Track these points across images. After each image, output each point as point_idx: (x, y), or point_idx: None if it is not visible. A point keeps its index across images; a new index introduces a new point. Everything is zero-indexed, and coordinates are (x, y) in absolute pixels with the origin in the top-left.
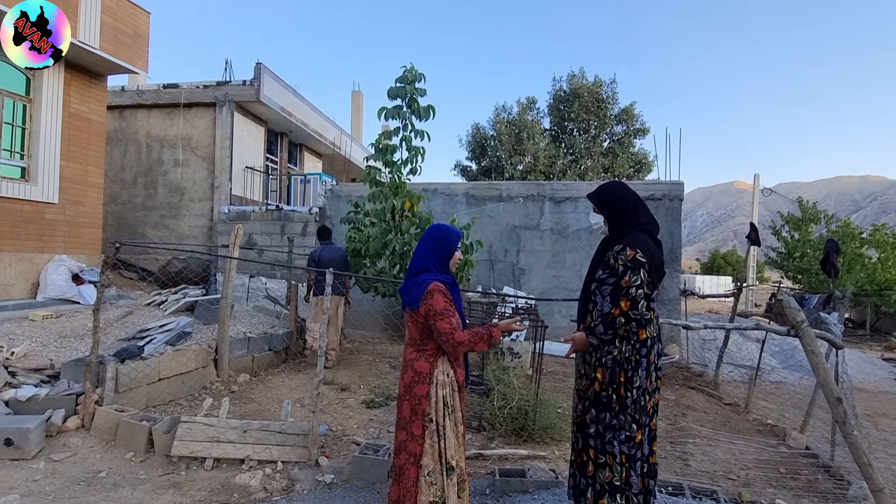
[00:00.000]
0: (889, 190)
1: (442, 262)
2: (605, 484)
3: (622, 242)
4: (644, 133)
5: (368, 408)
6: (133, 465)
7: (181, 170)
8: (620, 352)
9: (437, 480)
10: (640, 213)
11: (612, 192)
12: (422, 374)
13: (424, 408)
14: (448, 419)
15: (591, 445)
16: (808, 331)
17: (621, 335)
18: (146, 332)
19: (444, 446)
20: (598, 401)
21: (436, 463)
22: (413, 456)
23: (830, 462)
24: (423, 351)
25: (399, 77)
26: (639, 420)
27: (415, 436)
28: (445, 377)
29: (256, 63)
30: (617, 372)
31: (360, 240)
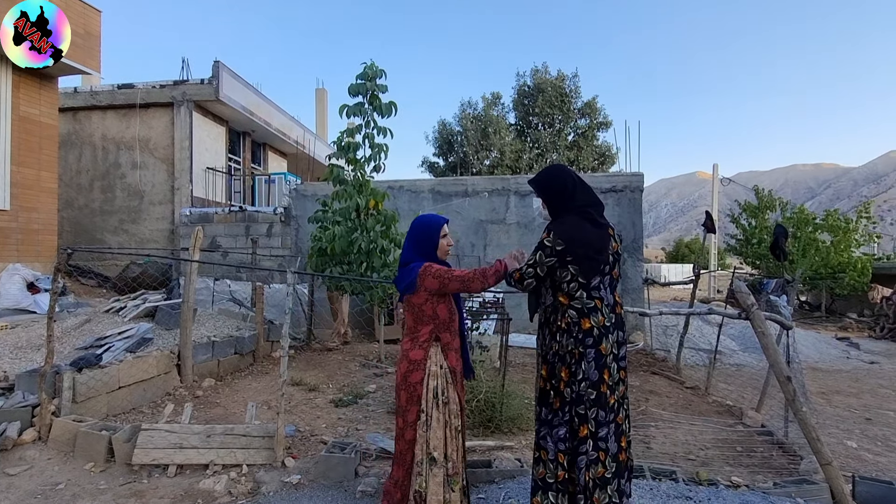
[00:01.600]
0: (842, 177)
1: (428, 252)
2: (537, 480)
3: (549, 227)
4: (607, 126)
5: (337, 407)
6: (93, 475)
7: (140, 172)
8: (562, 346)
9: (422, 471)
10: (578, 194)
11: (549, 175)
12: (415, 362)
13: (419, 394)
14: (437, 410)
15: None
16: (758, 313)
17: (563, 329)
18: (105, 340)
19: (428, 436)
20: (541, 396)
21: (422, 453)
22: (409, 443)
23: (784, 439)
24: (416, 339)
25: (360, 73)
26: (584, 414)
27: (409, 422)
28: (438, 368)
29: (214, 61)
30: (558, 367)
31: (327, 239)
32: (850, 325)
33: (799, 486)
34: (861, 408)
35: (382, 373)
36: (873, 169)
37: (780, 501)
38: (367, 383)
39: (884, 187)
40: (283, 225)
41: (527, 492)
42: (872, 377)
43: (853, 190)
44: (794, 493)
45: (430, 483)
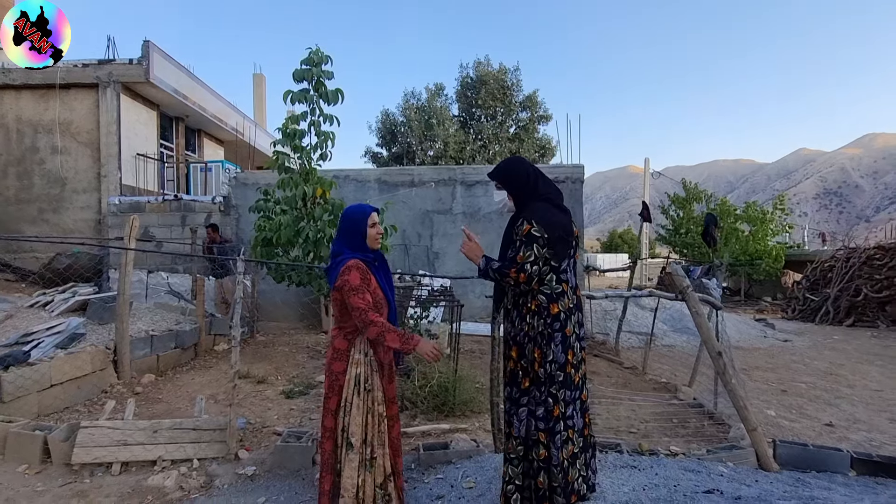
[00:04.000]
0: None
1: (357, 243)
2: (507, 453)
3: (521, 217)
4: (547, 119)
5: (288, 398)
6: (27, 477)
7: (61, 158)
8: (532, 327)
9: (339, 455)
10: (540, 183)
11: (511, 166)
12: (339, 351)
13: (341, 383)
14: (357, 397)
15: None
16: (693, 295)
17: (532, 311)
18: (31, 336)
19: (347, 422)
20: (512, 378)
21: (340, 437)
22: (327, 430)
23: (714, 410)
24: (342, 328)
25: (304, 59)
26: (556, 394)
27: (329, 410)
28: (362, 356)
29: (144, 41)
30: (529, 347)
31: (271, 228)
32: (766, 308)
33: (729, 451)
34: (777, 381)
35: None
36: (784, 165)
37: (713, 466)
38: (316, 374)
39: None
40: (222, 215)
41: (483, 470)
42: (786, 354)
43: (767, 184)
44: (725, 458)
45: (346, 467)
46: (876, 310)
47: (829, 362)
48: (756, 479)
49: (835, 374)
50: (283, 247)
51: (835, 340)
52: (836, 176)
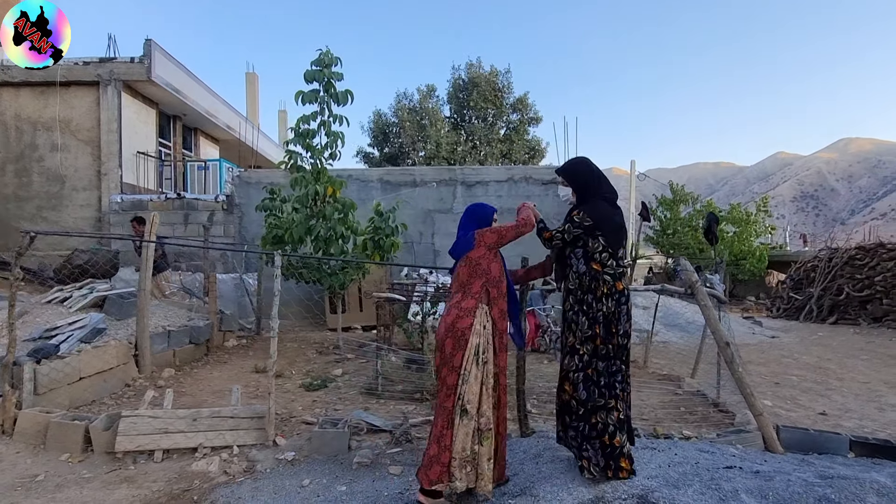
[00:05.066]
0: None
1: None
2: (615, 424)
3: (579, 209)
4: (537, 122)
5: (308, 391)
6: (72, 465)
7: (60, 155)
8: (608, 307)
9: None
10: (603, 184)
11: (575, 166)
12: (466, 310)
13: (467, 337)
14: (476, 367)
15: (604, 393)
16: (702, 289)
17: (605, 293)
18: (56, 330)
19: (463, 390)
20: (595, 352)
21: (455, 404)
22: (451, 389)
23: (717, 399)
24: (468, 291)
25: (315, 60)
26: (624, 362)
27: (454, 367)
28: (482, 328)
29: (146, 39)
30: (610, 325)
31: (281, 226)
32: (751, 307)
33: (737, 435)
34: (770, 374)
35: (342, 359)
36: (763, 168)
37: (724, 448)
38: (330, 369)
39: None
40: (225, 213)
41: (512, 452)
42: (775, 349)
43: (746, 187)
44: (734, 441)
45: (459, 432)
46: (857, 308)
47: (817, 357)
48: (765, 460)
49: (823, 368)
50: (292, 245)
51: (820, 337)
52: (813, 179)
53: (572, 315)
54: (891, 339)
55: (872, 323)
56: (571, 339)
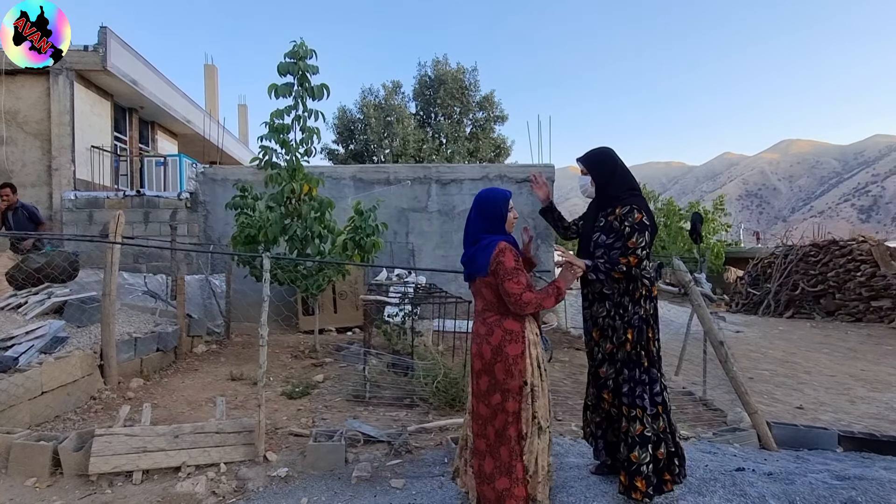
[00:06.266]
0: (687, 174)
1: (497, 227)
2: (635, 437)
3: (628, 204)
4: (503, 120)
5: (291, 399)
6: (39, 491)
7: (6, 149)
8: (646, 310)
9: (529, 444)
10: (629, 175)
11: (605, 155)
12: (513, 333)
13: (520, 367)
14: (541, 379)
15: (626, 402)
16: (695, 288)
17: (644, 295)
18: (12, 340)
19: (536, 407)
20: (629, 359)
21: (528, 426)
22: (512, 414)
23: (705, 397)
24: (507, 312)
25: (288, 52)
26: (661, 369)
27: (512, 393)
28: (535, 336)
29: (101, 27)
30: (644, 329)
31: (254, 225)
32: (712, 302)
33: (733, 433)
34: (742, 369)
35: (321, 363)
36: (711, 168)
37: (723, 447)
38: (310, 374)
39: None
40: (189, 211)
41: None
42: (742, 344)
43: (695, 186)
44: (731, 439)
45: (539, 450)
46: (812, 303)
47: (783, 351)
48: (765, 458)
49: (790, 362)
50: (266, 244)
51: (780, 331)
52: (757, 179)
53: (608, 321)
54: (846, 333)
55: (826, 317)
56: (609, 346)
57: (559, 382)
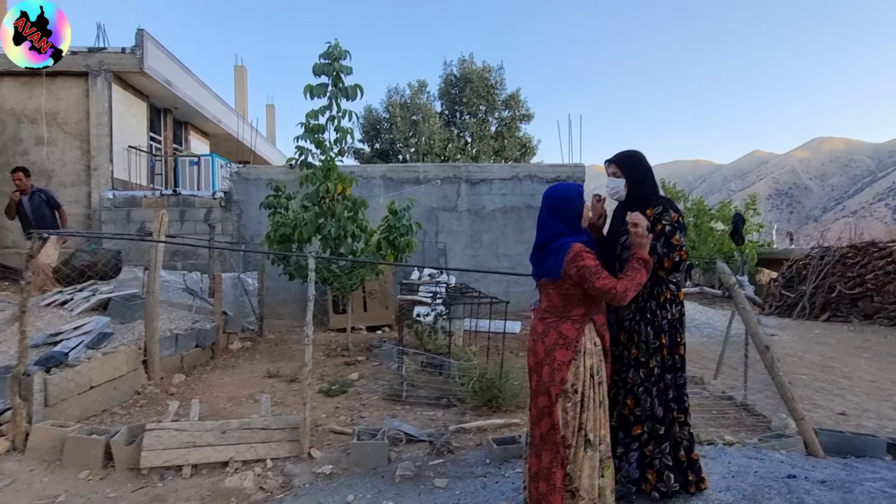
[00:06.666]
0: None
1: (573, 224)
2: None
3: (660, 205)
4: (529, 118)
5: (328, 396)
6: (93, 484)
7: (46, 149)
8: (673, 314)
9: (572, 453)
10: (654, 177)
11: (639, 157)
12: (567, 339)
13: (564, 375)
14: (593, 390)
15: (674, 408)
16: (739, 291)
17: (669, 299)
18: (60, 336)
19: (584, 418)
20: (666, 365)
21: (573, 435)
22: (556, 420)
23: (745, 402)
24: (566, 315)
25: (323, 53)
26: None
27: (554, 398)
28: (593, 345)
29: (138, 29)
30: (674, 334)
31: (288, 224)
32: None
33: (778, 439)
34: None
35: (353, 361)
36: (740, 166)
37: (770, 453)
38: (344, 372)
39: (748, 182)
40: (223, 210)
41: None
42: (777, 348)
43: (723, 185)
44: (776, 446)
45: (585, 467)
46: (849, 306)
47: (820, 355)
48: (813, 465)
49: (829, 367)
50: (300, 244)
51: (816, 335)
52: (788, 177)
53: (633, 325)
54: (885, 337)
55: (864, 320)
56: (635, 351)
57: None
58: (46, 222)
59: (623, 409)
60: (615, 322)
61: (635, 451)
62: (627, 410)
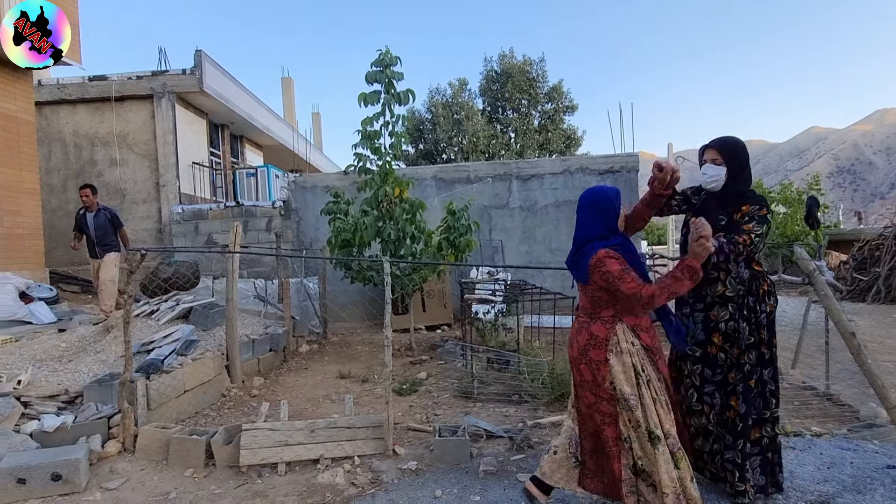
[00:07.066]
0: (769, 153)
1: (611, 224)
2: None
3: (757, 203)
4: (573, 110)
5: (400, 395)
6: (198, 481)
7: (119, 170)
8: (770, 307)
9: (636, 448)
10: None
11: (742, 144)
12: (597, 338)
13: (604, 374)
14: (645, 388)
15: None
16: (820, 278)
17: (767, 291)
18: (152, 344)
19: (640, 415)
20: (763, 359)
21: (629, 431)
22: (608, 416)
23: (829, 391)
24: (595, 315)
25: (375, 61)
26: None
27: (603, 398)
28: (630, 345)
29: (196, 51)
30: (772, 327)
31: (348, 229)
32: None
33: (869, 429)
34: None
35: (418, 360)
36: (796, 144)
37: (862, 444)
38: (412, 371)
39: (806, 161)
40: (282, 218)
41: None
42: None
43: (779, 164)
44: (868, 436)
45: (659, 461)
46: None
47: None
48: None
49: None
50: (360, 248)
51: (895, 319)
52: (849, 153)
53: (733, 324)
54: None
55: None
56: (736, 352)
57: None
58: (108, 240)
59: (728, 412)
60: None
61: (757, 457)
62: (732, 412)
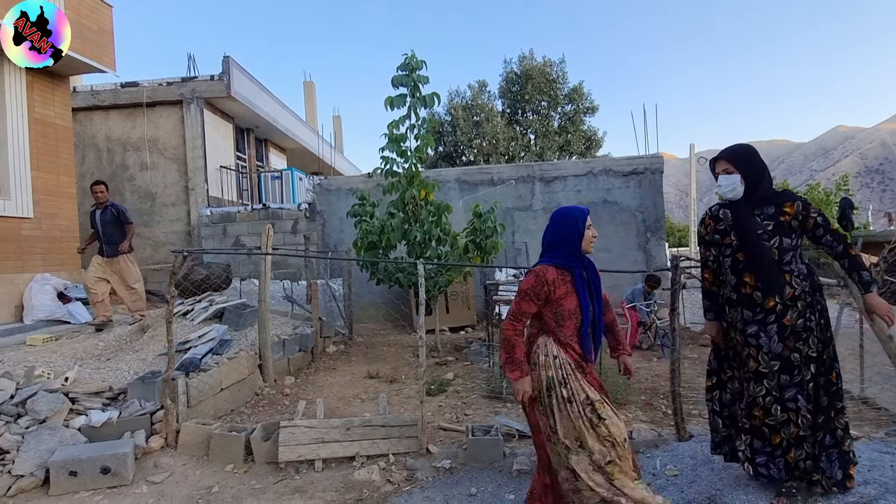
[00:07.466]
0: (793, 153)
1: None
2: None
3: (796, 200)
4: (594, 111)
5: (429, 395)
6: (239, 476)
7: (150, 173)
8: (822, 304)
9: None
10: None
11: (752, 150)
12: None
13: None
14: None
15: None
16: None
17: (819, 285)
18: (188, 343)
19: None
20: (835, 355)
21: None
22: (534, 426)
23: (864, 395)
24: (533, 325)
25: (400, 65)
26: None
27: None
28: (548, 358)
29: (224, 57)
30: (829, 323)
31: (374, 231)
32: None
33: None
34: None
35: (444, 361)
36: (822, 144)
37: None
38: (439, 372)
39: (832, 160)
40: (308, 220)
41: (680, 458)
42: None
43: (804, 164)
44: None
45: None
46: None
47: None
48: None
49: None
50: (386, 249)
51: None
52: (878, 152)
53: (802, 322)
54: None
55: None
56: (805, 350)
57: (693, 380)
58: (115, 238)
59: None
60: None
61: (834, 449)
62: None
